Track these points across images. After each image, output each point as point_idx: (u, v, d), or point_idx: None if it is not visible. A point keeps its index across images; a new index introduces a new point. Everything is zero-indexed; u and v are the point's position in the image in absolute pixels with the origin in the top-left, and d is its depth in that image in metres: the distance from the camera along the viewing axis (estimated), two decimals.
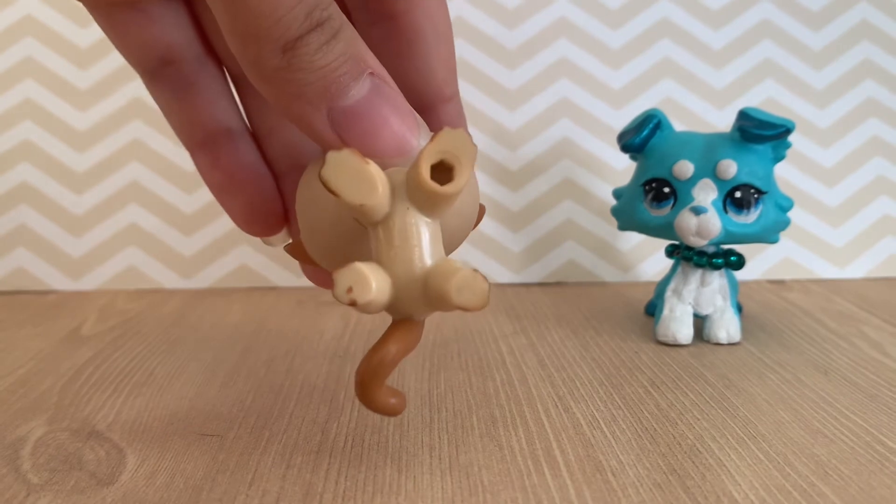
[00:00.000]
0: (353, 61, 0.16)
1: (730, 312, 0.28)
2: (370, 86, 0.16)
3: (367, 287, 0.15)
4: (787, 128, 0.26)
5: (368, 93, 0.16)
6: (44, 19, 0.38)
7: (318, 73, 0.15)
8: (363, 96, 0.16)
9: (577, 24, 0.39)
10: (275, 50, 0.15)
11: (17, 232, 0.37)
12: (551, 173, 0.39)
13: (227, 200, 0.21)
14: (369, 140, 0.16)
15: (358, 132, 0.16)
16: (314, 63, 0.15)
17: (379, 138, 0.16)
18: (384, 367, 0.16)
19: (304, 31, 0.15)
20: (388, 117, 0.16)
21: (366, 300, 0.15)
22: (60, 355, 0.27)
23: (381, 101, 0.16)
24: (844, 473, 0.18)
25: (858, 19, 0.40)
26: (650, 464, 0.18)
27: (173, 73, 0.20)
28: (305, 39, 0.15)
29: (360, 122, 0.16)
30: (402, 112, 0.16)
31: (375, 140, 0.16)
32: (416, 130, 0.17)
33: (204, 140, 0.20)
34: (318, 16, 0.15)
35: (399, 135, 0.16)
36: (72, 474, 0.18)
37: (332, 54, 0.15)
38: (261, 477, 0.18)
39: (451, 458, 0.18)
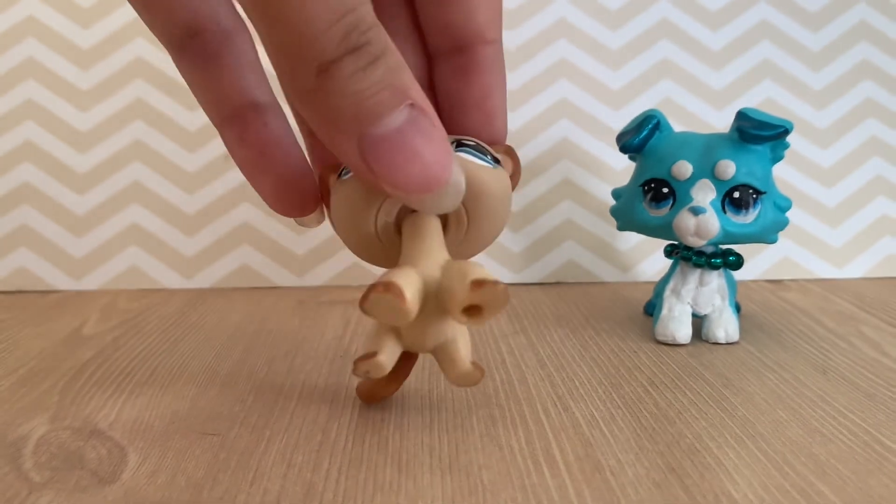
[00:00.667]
0: (392, 90, 0.15)
1: (728, 312, 0.28)
2: (407, 117, 0.15)
3: (383, 372, 0.19)
4: (786, 128, 0.26)
5: (403, 124, 0.15)
6: (46, 20, 0.38)
7: (351, 98, 0.15)
8: (396, 127, 0.15)
9: (577, 25, 0.39)
10: (309, 70, 0.15)
11: (19, 232, 0.38)
12: (551, 173, 0.39)
13: (256, 178, 0.20)
14: (397, 173, 0.16)
15: (386, 163, 0.15)
16: (347, 88, 0.15)
17: (407, 172, 0.16)
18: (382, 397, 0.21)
19: (340, 54, 0.14)
20: (421, 151, 0.16)
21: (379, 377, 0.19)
22: (62, 354, 0.27)
23: (414, 134, 0.16)
24: (843, 473, 0.18)
25: (857, 20, 0.40)
26: (649, 463, 0.18)
27: (199, 44, 0.19)
28: (340, 64, 0.15)
29: (390, 153, 0.15)
30: (437, 148, 0.16)
31: (403, 174, 0.16)
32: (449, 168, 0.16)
33: (231, 114, 0.19)
34: (355, 40, 0.15)
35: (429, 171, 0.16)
36: (73, 473, 0.18)
37: (367, 80, 0.15)
38: (262, 476, 0.18)
39: (451, 457, 0.18)
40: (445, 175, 0.16)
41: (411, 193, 0.16)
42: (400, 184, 0.16)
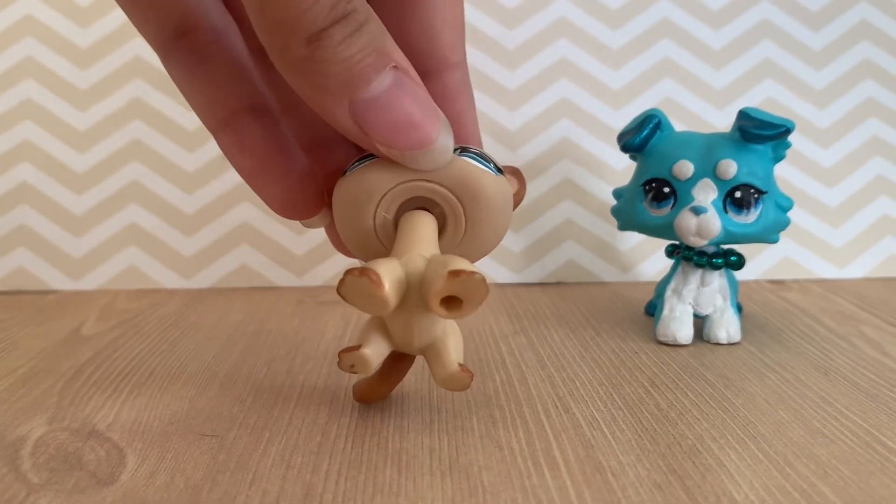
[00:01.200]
0: (377, 54, 0.16)
1: (730, 312, 0.28)
2: (392, 79, 0.16)
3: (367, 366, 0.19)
4: (787, 128, 0.26)
5: (390, 86, 0.16)
6: (44, 19, 0.38)
7: (341, 64, 0.16)
8: (385, 89, 0.16)
9: (577, 25, 0.39)
10: (300, 41, 0.15)
11: (18, 232, 0.37)
12: (551, 173, 0.39)
13: (259, 185, 0.20)
14: (390, 132, 0.16)
15: (378, 124, 0.16)
16: (337, 55, 0.15)
17: (400, 131, 0.16)
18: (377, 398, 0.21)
19: (329, 23, 0.15)
20: (410, 111, 0.16)
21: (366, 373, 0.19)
22: (61, 355, 0.27)
23: (402, 94, 0.16)
24: (844, 474, 0.18)
25: (858, 19, 0.40)
26: (650, 464, 0.18)
27: (190, 44, 0.19)
28: (329, 31, 0.15)
29: (382, 114, 0.16)
30: (424, 106, 0.17)
31: (396, 133, 0.16)
32: (437, 125, 0.17)
33: (226, 119, 0.19)
34: (342, 8, 0.15)
35: (420, 129, 0.17)
36: (72, 474, 0.18)
37: (355, 46, 0.16)
38: (261, 477, 0.18)
39: (451, 458, 0.18)
40: (435, 129, 0.17)
41: (404, 150, 0.17)
42: (392, 142, 0.16)
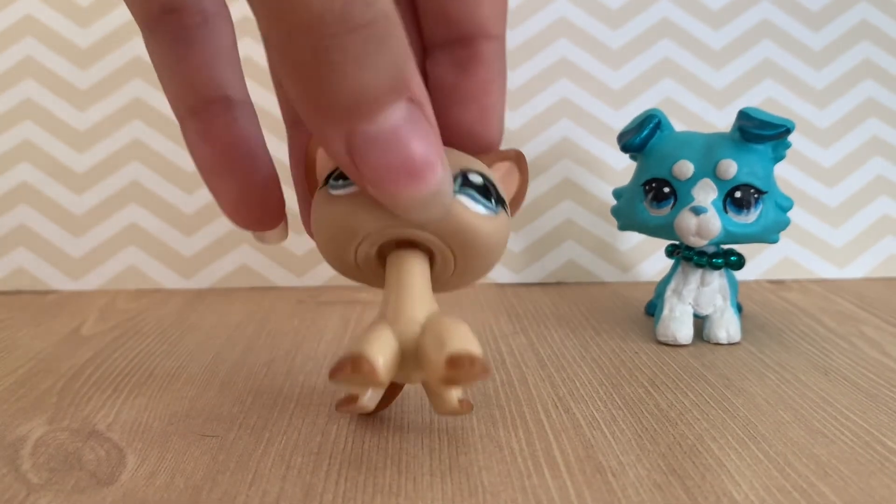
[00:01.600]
0: (394, 82, 0.14)
1: (730, 312, 0.28)
2: (404, 114, 0.14)
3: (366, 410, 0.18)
4: (787, 128, 0.26)
5: (400, 122, 0.14)
6: (44, 19, 0.38)
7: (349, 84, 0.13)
8: (392, 125, 0.14)
9: (577, 24, 0.39)
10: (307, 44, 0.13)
11: (18, 232, 0.37)
12: (551, 173, 0.39)
13: (216, 182, 0.18)
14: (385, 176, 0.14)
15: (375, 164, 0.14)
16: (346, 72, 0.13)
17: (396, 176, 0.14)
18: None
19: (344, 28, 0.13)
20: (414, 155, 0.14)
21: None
22: (60, 355, 0.27)
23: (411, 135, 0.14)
24: (844, 474, 0.18)
25: (858, 19, 0.40)
26: (650, 464, 0.18)
27: (174, 22, 0.17)
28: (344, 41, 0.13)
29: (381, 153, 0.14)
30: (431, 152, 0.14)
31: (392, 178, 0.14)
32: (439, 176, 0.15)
33: (196, 106, 0.18)
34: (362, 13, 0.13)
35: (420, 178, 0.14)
36: (72, 474, 0.18)
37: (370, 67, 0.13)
38: (261, 477, 0.18)
39: (450, 459, 0.18)
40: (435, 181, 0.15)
41: (398, 200, 0.15)
42: (385, 187, 0.14)
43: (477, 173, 0.17)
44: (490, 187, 0.17)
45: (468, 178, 0.17)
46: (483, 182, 0.17)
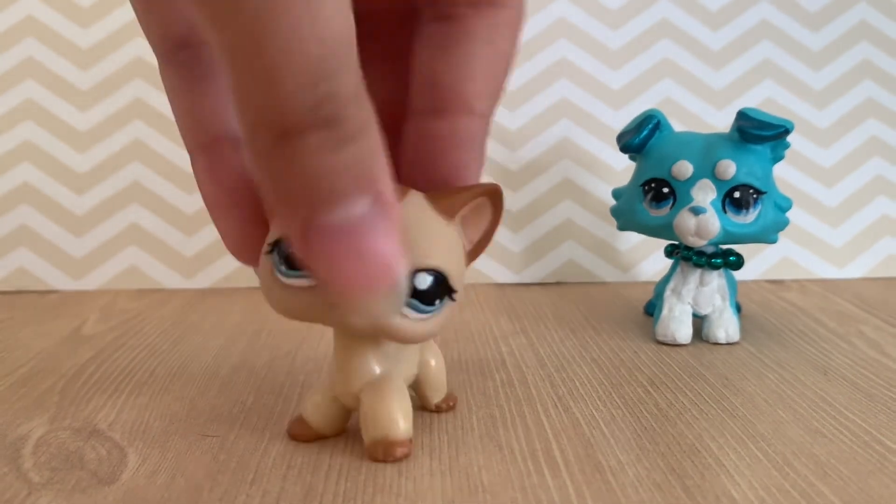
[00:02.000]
0: (357, 178, 0.13)
1: (729, 312, 0.28)
2: (366, 210, 0.13)
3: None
4: (786, 128, 0.26)
5: (361, 217, 0.13)
6: (45, 20, 0.38)
7: (308, 176, 0.13)
8: (352, 219, 0.13)
9: (577, 25, 0.39)
10: (268, 132, 0.13)
11: (19, 232, 0.38)
12: (551, 173, 0.39)
13: (220, 217, 0.18)
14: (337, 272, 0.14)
15: (328, 258, 0.14)
16: (305, 164, 0.13)
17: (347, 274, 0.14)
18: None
19: (307, 125, 0.12)
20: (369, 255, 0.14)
21: None
22: (62, 355, 0.27)
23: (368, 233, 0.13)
24: (843, 473, 0.18)
25: (857, 20, 0.40)
26: (649, 463, 0.18)
27: (190, 58, 0.17)
28: (304, 135, 0.13)
29: (335, 248, 0.13)
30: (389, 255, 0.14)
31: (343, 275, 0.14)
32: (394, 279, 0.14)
33: (205, 142, 0.18)
34: (328, 112, 0.12)
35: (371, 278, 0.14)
36: (73, 473, 0.18)
37: (331, 163, 0.13)
38: (261, 477, 0.18)
39: (450, 458, 0.18)
40: (388, 287, 0.14)
41: (346, 297, 0.14)
42: (336, 285, 0.14)
43: (427, 272, 0.16)
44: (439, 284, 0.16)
45: (414, 283, 0.16)
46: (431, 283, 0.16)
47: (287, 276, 0.16)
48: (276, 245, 0.16)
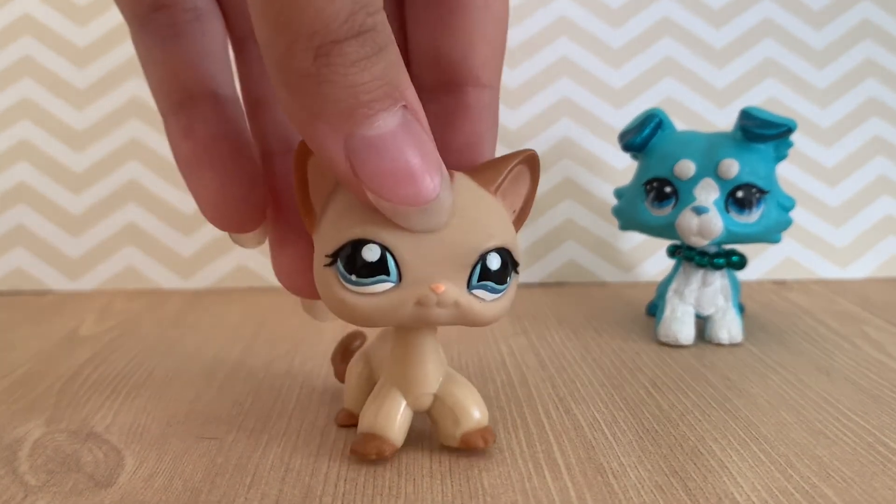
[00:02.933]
0: (390, 88, 0.14)
1: (731, 313, 0.28)
2: (400, 120, 0.14)
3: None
4: (789, 127, 0.26)
5: (396, 128, 0.14)
6: (42, 18, 0.38)
7: (348, 91, 0.13)
8: (389, 130, 0.14)
9: (578, 23, 0.39)
10: (307, 50, 0.13)
11: (15, 232, 0.37)
12: (552, 173, 0.39)
13: (195, 177, 0.17)
14: (385, 181, 0.14)
15: (374, 169, 0.14)
16: (346, 79, 0.13)
17: (395, 181, 0.14)
18: None
19: (344, 35, 0.13)
20: (411, 160, 0.14)
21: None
22: (58, 356, 0.27)
23: (407, 140, 0.14)
24: (846, 475, 0.17)
25: (860, 18, 0.40)
26: (651, 465, 0.18)
27: (165, 18, 0.17)
28: (343, 47, 0.13)
29: (379, 157, 0.14)
30: (427, 157, 0.14)
31: (391, 182, 0.14)
32: (438, 183, 0.15)
33: (182, 101, 0.17)
34: (361, 21, 0.13)
35: (419, 184, 0.14)
36: (70, 476, 0.18)
37: (368, 73, 0.13)
38: (259, 480, 0.17)
39: (450, 460, 0.18)
40: (434, 189, 0.15)
41: (396, 206, 0.15)
42: (385, 193, 0.14)
43: (496, 252, 0.16)
44: (506, 262, 0.17)
45: (487, 265, 0.16)
46: (500, 262, 0.16)
47: (360, 284, 0.16)
48: (335, 257, 0.16)
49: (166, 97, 0.17)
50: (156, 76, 0.17)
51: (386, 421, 0.18)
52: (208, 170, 0.17)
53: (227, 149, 0.17)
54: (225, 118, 0.17)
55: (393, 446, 0.18)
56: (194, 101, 0.17)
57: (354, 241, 0.16)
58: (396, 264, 0.16)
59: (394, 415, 0.18)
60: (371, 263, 0.16)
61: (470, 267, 0.16)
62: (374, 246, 0.15)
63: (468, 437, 0.18)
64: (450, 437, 0.18)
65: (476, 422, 0.18)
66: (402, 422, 0.18)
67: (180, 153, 0.17)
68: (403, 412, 0.18)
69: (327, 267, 0.16)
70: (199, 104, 0.17)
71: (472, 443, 0.18)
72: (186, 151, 0.17)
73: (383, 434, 0.18)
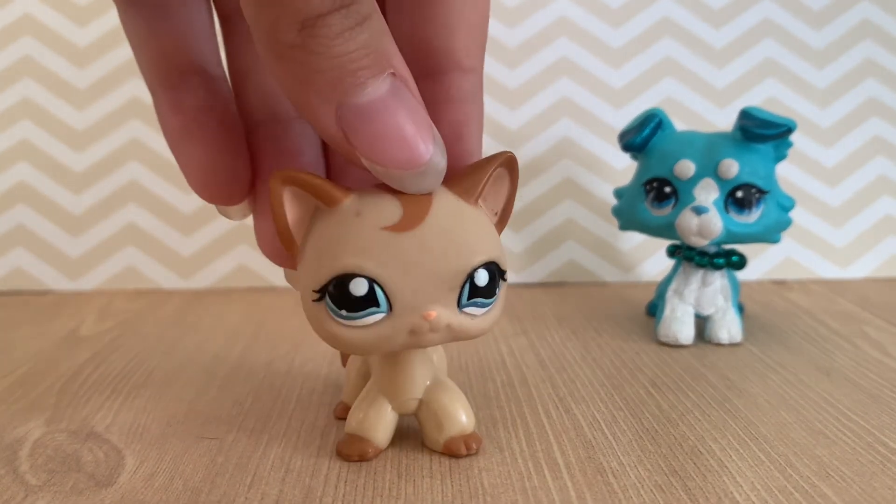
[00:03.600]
0: (376, 56, 0.14)
1: (731, 313, 0.28)
2: (389, 87, 0.14)
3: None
4: (789, 127, 0.26)
5: (385, 94, 0.14)
6: (42, 18, 0.38)
7: (335, 61, 0.14)
8: (379, 96, 0.14)
9: (578, 23, 0.39)
10: (292, 24, 0.14)
11: (16, 232, 0.37)
12: (552, 173, 0.39)
13: (183, 150, 0.18)
14: (377, 146, 0.15)
15: (366, 135, 0.15)
16: (332, 49, 0.14)
17: (389, 146, 0.15)
18: None
19: (327, 9, 0.14)
20: (403, 125, 0.15)
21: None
22: (59, 356, 0.27)
23: (397, 106, 0.15)
24: (846, 474, 0.17)
25: (860, 18, 0.40)
26: (651, 465, 0.18)
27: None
28: (327, 20, 0.14)
29: (371, 124, 0.14)
30: (420, 123, 0.15)
31: (384, 147, 0.15)
32: (430, 145, 0.15)
33: (171, 76, 0.17)
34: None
35: (412, 147, 0.15)
36: (70, 475, 0.18)
37: (353, 43, 0.14)
38: (260, 480, 0.17)
39: (450, 461, 0.18)
40: (427, 152, 0.15)
41: (390, 169, 0.15)
42: (379, 158, 0.15)
43: (482, 268, 0.16)
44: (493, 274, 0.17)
45: (475, 283, 0.16)
46: (488, 277, 0.16)
47: (350, 318, 0.16)
48: (323, 292, 0.16)
49: (156, 73, 0.18)
50: (145, 53, 0.18)
51: (370, 423, 0.18)
52: (197, 142, 0.17)
53: (214, 122, 0.17)
54: (213, 93, 0.18)
55: (377, 448, 0.18)
56: (183, 77, 0.17)
57: (339, 277, 0.15)
58: (385, 294, 0.15)
59: (378, 418, 0.18)
60: (360, 297, 0.15)
61: (459, 287, 0.16)
62: (360, 280, 0.15)
63: (451, 443, 0.18)
64: (434, 442, 0.19)
65: (461, 428, 0.18)
66: (387, 425, 0.18)
67: (169, 126, 0.18)
68: (388, 416, 0.18)
69: (315, 302, 0.16)
70: (188, 79, 0.17)
71: (454, 449, 0.18)
72: (176, 125, 0.17)
73: (367, 436, 0.18)
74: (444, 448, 0.18)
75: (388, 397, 0.18)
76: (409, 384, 0.18)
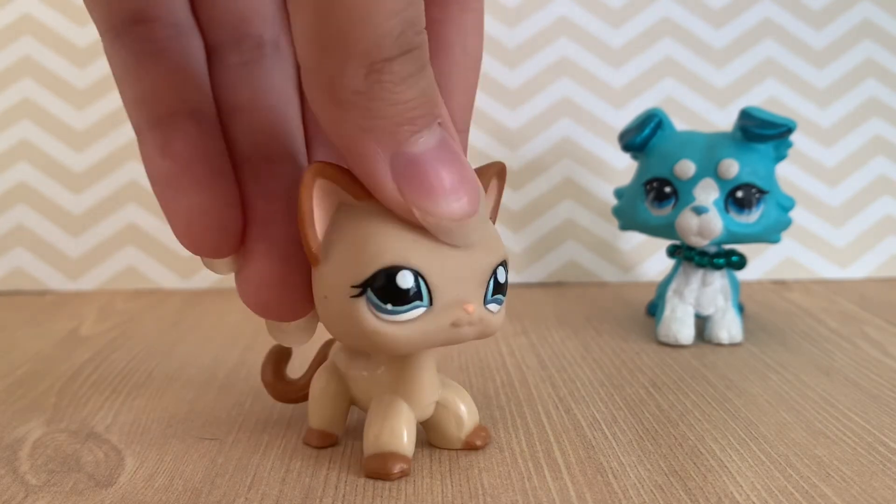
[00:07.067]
0: (430, 105, 0.14)
1: (731, 313, 0.28)
2: (439, 137, 0.14)
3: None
4: (789, 127, 0.26)
5: (437, 144, 0.14)
6: (42, 18, 0.38)
7: (396, 108, 0.14)
8: (431, 147, 0.14)
9: (578, 23, 0.39)
10: (359, 68, 0.13)
11: (15, 232, 0.37)
12: (552, 173, 0.39)
13: (171, 197, 0.16)
14: (431, 198, 0.14)
15: (420, 186, 0.14)
16: (396, 95, 0.13)
17: (441, 198, 0.14)
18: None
19: (395, 53, 0.13)
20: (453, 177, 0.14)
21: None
22: (59, 356, 0.27)
23: (448, 157, 0.14)
24: (846, 474, 0.17)
25: (860, 18, 0.40)
26: (651, 465, 0.18)
27: (144, 34, 0.16)
28: (393, 65, 0.13)
29: (423, 176, 0.14)
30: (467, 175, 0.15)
31: (437, 200, 0.14)
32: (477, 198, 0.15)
33: (160, 117, 0.16)
34: (410, 39, 0.13)
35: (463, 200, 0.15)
36: (70, 476, 0.18)
37: (415, 90, 0.14)
38: (260, 480, 0.17)
39: (450, 460, 0.18)
40: (474, 204, 0.15)
41: (440, 222, 0.15)
42: (432, 209, 0.14)
43: (503, 266, 0.17)
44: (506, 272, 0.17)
45: (497, 279, 0.16)
46: (505, 274, 0.17)
47: (396, 312, 0.15)
48: (365, 286, 0.15)
49: (144, 111, 0.16)
50: (132, 90, 0.17)
51: (404, 436, 0.18)
52: (187, 190, 0.16)
53: (206, 169, 0.16)
54: (205, 136, 0.16)
55: (410, 461, 0.18)
56: (174, 118, 0.16)
57: (387, 269, 0.15)
58: (428, 288, 0.15)
59: (408, 429, 0.18)
60: (405, 290, 0.15)
61: (485, 283, 0.16)
62: (407, 272, 0.15)
63: (470, 437, 0.19)
64: (454, 440, 0.19)
65: (475, 420, 0.19)
66: (413, 434, 0.18)
67: (156, 171, 0.16)
68: (412, 424, 0.18)
69: (355, 298, 0.15)
70: (180, 121, 0.16)
71: (472, 443, 0.19)
72: (164, 170, 0.16)
73: (400, 451, 0.17)
74: (465, 444, 0.19)
75: (410, 404, 0.18)
76: (429, 386, 0.18)
